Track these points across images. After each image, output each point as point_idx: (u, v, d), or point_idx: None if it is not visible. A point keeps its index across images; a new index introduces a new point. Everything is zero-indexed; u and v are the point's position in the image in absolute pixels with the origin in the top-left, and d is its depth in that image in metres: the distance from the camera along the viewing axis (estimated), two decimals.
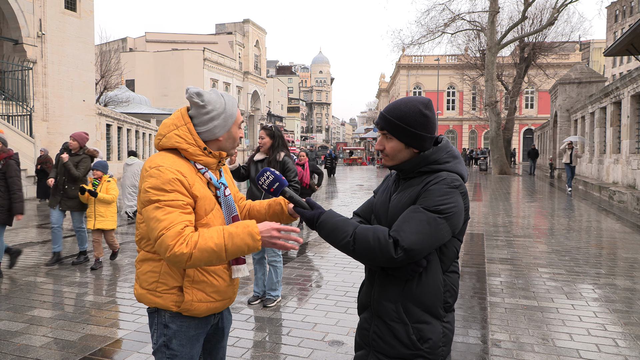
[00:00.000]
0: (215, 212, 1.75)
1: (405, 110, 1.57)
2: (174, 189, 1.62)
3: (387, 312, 1.56)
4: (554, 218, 10.35)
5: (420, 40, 28.96)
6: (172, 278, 1.72)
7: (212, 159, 1.77)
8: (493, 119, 27.16)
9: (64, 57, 16.70)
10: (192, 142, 1.73)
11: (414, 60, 49.86)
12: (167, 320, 1.76)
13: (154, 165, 1.66)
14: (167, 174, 1.63)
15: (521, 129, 48.18)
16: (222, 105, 1.76)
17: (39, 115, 15.75)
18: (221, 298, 1.80)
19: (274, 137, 4.28)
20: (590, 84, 23.27)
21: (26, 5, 15.24)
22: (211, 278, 1.75)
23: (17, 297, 4.77)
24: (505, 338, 3.76)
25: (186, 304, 1.71)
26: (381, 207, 1.68)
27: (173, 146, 1.73)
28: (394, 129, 1.58)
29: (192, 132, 1.73)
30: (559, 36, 32.45)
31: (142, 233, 1.74)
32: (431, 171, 1.57)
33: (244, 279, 5.47)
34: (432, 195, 1.49)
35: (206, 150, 1.74)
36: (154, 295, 1.74)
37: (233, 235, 1.59)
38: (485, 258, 6.50)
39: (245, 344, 3.64)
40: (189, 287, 1.71)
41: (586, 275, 5.66)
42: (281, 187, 1.69)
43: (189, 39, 52.09)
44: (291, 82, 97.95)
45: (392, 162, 1.64)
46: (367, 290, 1.67)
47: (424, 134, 1.57)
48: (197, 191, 1.68)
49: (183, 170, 1.67)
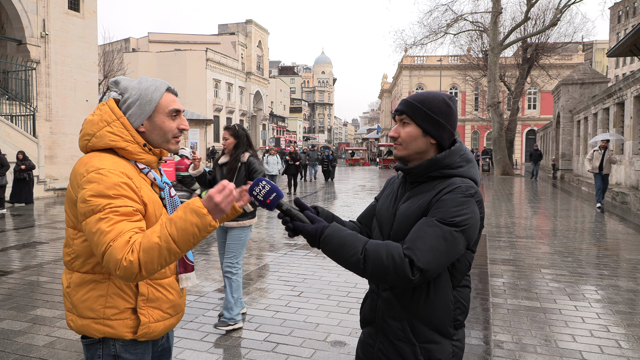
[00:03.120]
0: (164, 216, 1.52)
1: (429, 96, 1.49)
2: (120, 194, 1.37)
3: (393, 331, 1.46)
4: (556, 219, 10.33)
5: (422, 40, 28.94)
6: (122, 299, 1.46)
7: (153, 157, 1.55)
8: (495, 119, 27.11)
9: (67, 57, 16.75)
10: (130, 139, 1.49)
11: (417, 61, 49.81)
12: (119, 350, 1.49)
13: (92, 168, 1.39)
14: (110, 177, 1.37)
15: (524, 129, 48.07)
16: (137, 90, 1.51)
17: (42, 115, 15.80)
18: (176, 312, 1.60)
19: (237, 137, 3.92)
20: (593, 84, 23.21)
21: (30, 6, 15.30)
22: (166, 292, 1.54)
23: (20, 297, 4.78)
24: (508, 339, 3.76)
25: (143, 327, 1.47)
26: (385, 214, 1.56)
27: (107, 146, 1.47)
28: (414, 111, 1.47)
29: (129, 127, 1.50)
30: (561, 37, 32.39)
31: (78, 251, 1.46)
32: (443, 176, 1.45)
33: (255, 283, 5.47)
34: (446, 206, 1.36)
35: (146, 146, 1.52)
36: (102, 324, 1.46)
37: (174, 220, 1.33)
38: (487, 259, 6.49)
39: (247, 344, 3.64)
40: (143, 308, 1.48)
41: (589, 276, 5.64)
42: (278, 199, 1.43)
43: (191, 39, 52.18)
44: (293, 82, 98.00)
45: (404, 152, 1.50)
46: (372, 304, 1.55)
47: (445, 123, 1.47)
48: (145, 195, 1.46)
49: (128, 172, 1.44)
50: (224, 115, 49.38)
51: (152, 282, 1.52)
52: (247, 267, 6.10)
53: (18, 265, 6.09)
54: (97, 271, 1.47)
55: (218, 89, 48.20)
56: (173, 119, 1.56)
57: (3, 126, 13.36)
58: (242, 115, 53.88)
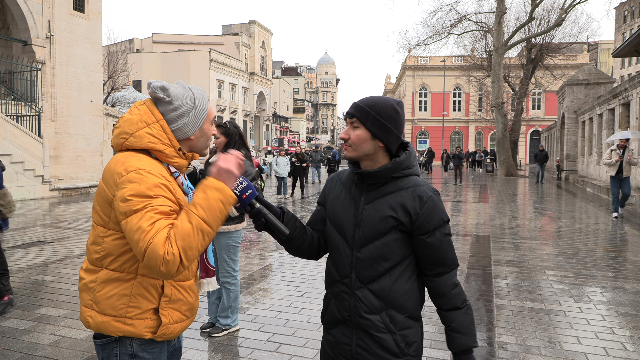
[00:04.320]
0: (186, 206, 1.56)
1: (379, 101, 1.56)
2: (159, 194, 1.40)
3: (372, 325, 1.54)
4: (561, 220, 10.29)
5: (426, 41, 28.94)
6: (146, 300, 1.49)
7: (184, 161, 1.59)
8: (500, 120, 27.04)
9: (72, 58, 16.83)
10: (168, 142, 1.52)
11: (420, 61, 49.74)
12: (136, 349, 1.51)
13: (131, 168, 1.41)
14: (150, 177, 1.41)
15: (528, 130, 47.92)
16: (191, 99, 1.56)
17: (47, 116, 15.88)
18: (191, 315, 1.64)
19: (229, 135, 3.75)
20: (599, 85, 23.11)
21: (35, 7, 15.38)
22: (187, 295, 1.59)
23: (26, 296, 4.81)
24: (512, 341, 3.74)
25: (163, 327, 1.50)
26: (346, 217, 1.60)
27: (145, 147, 1.49)
28: (363, 115, 1.54)
29: (167, 130, 1.52)
30: (566, 37, 32.30)
31: (108, 249, 1.48)
32: (403, 175, 1.57)
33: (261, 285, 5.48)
34: (436, 212, 1.54)
35: (181, 151, 1.55)
36: (122, 323, 1.48)
37: (198, 202, 1.37)
38: (491, 260, 6.47)
39: (250, 344, 3.64)
40: (165, 309, 1.51)
41: (594, 278, 5.62)
42: (253, 197, 1.48)
43: (195, 40, 52.32)
44: (297, 83, 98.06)
45: (353, 153, 1.57)
46: (343, 304, 1.59)
47: (392, 128, 1.55)
48: (181, 197, 1.50)
49: (165, 174, 1.48)
50: (227, 115, 49.45)
51: (176, 284, 1.56)
52: (250, 267, 6.11)
53: (23, 265, 6.12)
54: (125, 270, 1.49)
55: (221, 90, 48.30)
56: (212, 125, 1.67)
57: (9, 126, 13.44)
58: (246, 115, 53.96)
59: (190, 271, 1.61)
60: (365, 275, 1.55)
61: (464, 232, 8.78)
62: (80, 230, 8.76)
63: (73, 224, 9.54)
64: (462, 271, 5.87)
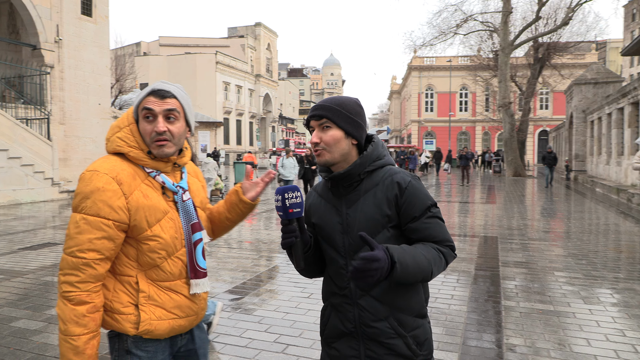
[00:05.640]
0: (164, 222, 1.53)
1: (344, 100, 1.54)
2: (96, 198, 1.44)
3: (382, 332, 1.48)
4: (570, 221, 10.20)
5: (432, 41, 28.85)
6: (125, 294, 1.51)
7: (160, 162, 1.56)
8: (507, 120, 26.89)
9: (80, 61, 16.99)
10: (135, 144, 1.52)
11: (426, 62, 49.60)
12: (130, 345, 1.53)
13: (90, 168, 1.49)
14: (95, 180, 1.45)
15: (536, 130, 47.59)
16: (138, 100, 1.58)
17: (56, 119, 16.03)
18: (185, 314, 1.58)
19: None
20: (607, 84, 22.91)
21: (44, 12, 15.55)
22: (171, 293, 1.56)
23: (36, 297, 4.85)
24: (521, 343, 3.71)
25: (144, 323, 1.49)
26: (331, 226, 1.54)
27: (114, 150, 1.53)
28: (334, 115, 1.49)
29: (135, 133, 1.53)
30: (574, 36, 32.03)
31: None
32: (377, 167, 1.53)
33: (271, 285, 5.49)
34: (419, 197, 1.48)
35: (151, 153, 1.53)
36: (111, 318, 1.51)
37: (77, 342, 1.42)
38: (499, 261, 6.43)
39: (257, 345, 3.65)
40: (145, 305, 1.50)
41: (604, 279, 5.56)
42: (299, 215, 1.47)
43: (201, 42, 52.61)
44: (302, 84, 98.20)
45: (329, 156, 1.50)
46: (346, 315, 1.53)
47: (361, 123, 1.53)
48: (135, 200, 1.48)
49: (128, 175, 1.49)
50: (233, 117, 49.63)
51: (153, 282, 1.54)
52: (257, 268, 6.13)
53: (33, 266, 6.18)
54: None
55: (228, 92, 48.47)
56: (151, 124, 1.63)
57: (19, 130, 13.59)
58: (252, 117, 54.12)
59: (170, 273, 1.56)
60: None
61: (472, 233, 8.73)
62: None
63: None
64: (470, 272, 5.84)
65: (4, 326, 4.04)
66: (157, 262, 1.53)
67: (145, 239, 1.50)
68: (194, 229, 1.59)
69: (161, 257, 1.53)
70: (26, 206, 12.93)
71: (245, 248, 7.50)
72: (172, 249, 1.54)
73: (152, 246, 1.51)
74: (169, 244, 1.53)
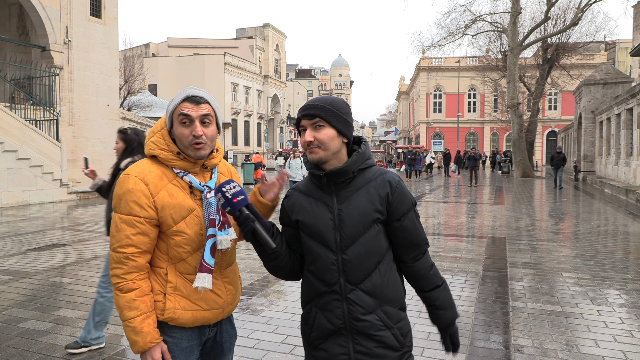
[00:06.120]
0: (190, 219, 1.65)
1: (334, 99, 1.59)
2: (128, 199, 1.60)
3: (370, 325, 1.52)
4: (578, 222, 10.11)
5: (440, 42, 28.76)
6: (157, 283, 1.65)
7: (185, 163, 1.67)
8: (515, 121, 26.72)
9: (89, 63, 17.14)
10: (165, 147, 1.66)
11: (434, 63, 49.42)
12: (161, 328, 1.67)
13: (126, 171, 1.66)
14: (126, 182, 1.61)
15: (544, 131, 47.23)
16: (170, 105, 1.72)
17: (65, 120, 16.18)
18: (209, 307, 1.68)
19: (127, 142, 3.54)
20: (616, 84, 22.70)
21: (53, 13, 15.71)
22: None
23: (44, 298, 4.90)
24: (528, 343, 3.69)
25: (169, 311, 1.63)
26: (323, 223, 1.56)
27: (149, 153, 1.69)
28: (327, 114, 1.54)
29: (166, 137, 1.68)
30: (583, 36, 31.77)
31: None
32: (366, 167, 1.61)
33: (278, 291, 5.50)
34: (406, 196, 1.60)
35: (180, 155, 1.66)
36: None
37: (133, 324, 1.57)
38: (507, 262, 6.39)
39: (265, 346, 3.66)
40: (171, 294, 1.64)
41: (612, 280, 5.51)
42: (244, 202, 1.52)
43: (210, 43, 52.83)
44: (311, 85, 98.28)
45: (323, 153, 1.54)
46: (334, 312, 1.55)
47: (351, 122, 1.61)
48: (160, 200, 1.61)
49: (156, 176, 1.63)
50: (242, 118, 49.79)
51: (181, 275, 1.67)
52: (264, 269, 6.13)
53: (42, 267, 6.25)
54: None
55: (236, 93, 48.63)
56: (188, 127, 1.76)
57: (28, 131, 13.73)
58: (260, 118, 54.25)
59: (195, 267, 1.67)
60: (356, 276, 1.53)
61: (480, 234, 8.69)
62: (97, 233, 8.90)
63: (90, 227, 9.70)
64: (478, 273, 5.81)
65: (12, 327, 4.08)
66: (183, 256, 1.65)
67: (172, 234, 1.63)
68: (211, 224, 1.67)
69: (187, 252, 1.65)
70: (35, 207, 13.06)
71: (253, 249, 7.51)
72: (197, 244, 1.66)
73: (177, 241, 1.63)
74: (193, 240, 1.65)
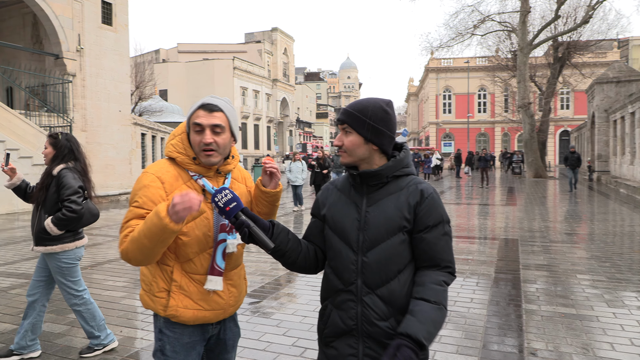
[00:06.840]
0: (199, 220, 1.69)
1: (367, 104, 1.56)
2: (143, 194, 1.67)
3: (382, 332, 1.50)
4: (593, 223, 9.98)
5: (449, 42, 28.62)
6: (162, 280, 1.72)
7: (202, 168, 1.74)
8: (526, 121, 26.47)
9: (101, 69, 17.37)
10: (182, 151, 1.74)
11: (443, 63, 49.17)
12: (162, 325, 1.75)
13: (145, 169, 1.77)
14: (144, 178, 1.71)
15: (557, 130, 46.69)
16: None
17: (78, 126, 16.41)
18: (210, 308, 1.74)
19: (57, 147, 3.39)
20: (630, 82, 22.37)
21: (66, 22, 15.97)
22: (199, 286, 1.72)
23: (59, 300, 4.96)
24: (543, 347, 3.65)
25: (171, 309, 1.69)
26: (348, 221, 1.56)
27: (168, 155, 1.77)
28: (354, 121, 1.54)
29: (184, 141, 1.75)
30: (594, 34, 31.32)
31: None
32: (403, 174, 1.58)
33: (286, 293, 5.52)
34: (437, 209, 1.54)
35: (196, 160, 1.73)
36: (149, 298, 1.75)
37: (146, 219, 1.57)
38: (520, 264, 6.33)
39: (275, 349, 3.67)
40: (175, 292, 1.70)
41: (629, 282, 5.42)
42: (237, 209, 1.53)
43: (219, 48, 53.20)
44: (319, 88, 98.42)
45: (349, 159, 1.57)
46: (348, 313, 1.55)
47: (384, 130, 1.55)
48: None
49: (172, 176, 1.71)
50: (251, 122, 50.03)
51: (186, 274, 1.73)
52: (275, 272, 6.15)
53: None
54: None
55: (245, 97, 48.90)
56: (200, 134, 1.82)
57: (43, 137, 13.94)
58: (269, 121, 54.45)
59: (201, 267, 1.72)
60: (373, 280, 1.51)
61: (492, 236, 8.61)
62: (111, 237, 9.00)
63: (104, 231, 9.81)
64: (490, 275, 5.76)
65: None
66: (190, 256, 1.70)
67: (180, 234, 1.66)
68: (222, 229, 1.73)
69: (194, 252, 1.70)
70: None
71: (263, 252, 7.54)
72: (203, 245, 1.71)
73: (185, 241, 1.68)
74: (200, 241, 1.70)
